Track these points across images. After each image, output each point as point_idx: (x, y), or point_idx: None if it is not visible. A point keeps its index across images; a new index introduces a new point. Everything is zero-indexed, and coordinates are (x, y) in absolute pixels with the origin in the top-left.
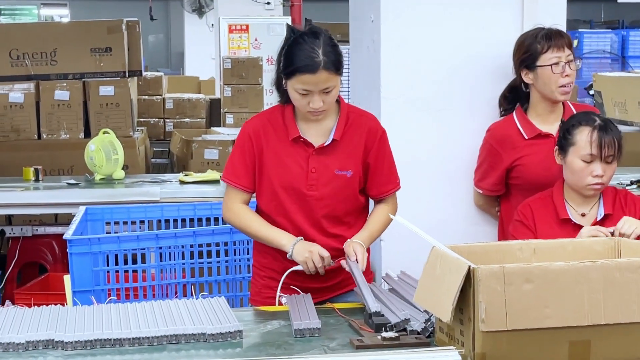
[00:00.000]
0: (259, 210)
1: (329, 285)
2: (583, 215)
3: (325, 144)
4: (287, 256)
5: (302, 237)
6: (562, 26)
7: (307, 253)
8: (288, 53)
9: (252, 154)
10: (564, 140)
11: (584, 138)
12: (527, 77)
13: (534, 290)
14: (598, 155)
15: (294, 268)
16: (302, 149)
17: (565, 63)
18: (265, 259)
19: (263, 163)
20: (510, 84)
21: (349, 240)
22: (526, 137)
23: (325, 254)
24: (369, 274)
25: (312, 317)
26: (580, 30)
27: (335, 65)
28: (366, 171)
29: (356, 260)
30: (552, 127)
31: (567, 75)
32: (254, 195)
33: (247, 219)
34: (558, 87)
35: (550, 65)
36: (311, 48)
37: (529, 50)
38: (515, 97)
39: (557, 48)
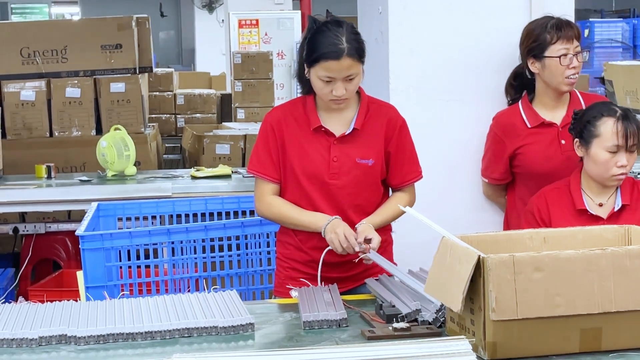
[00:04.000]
0: None
1: (349, 275)
2: (600, 205)
3: (346, 133)
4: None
5: (337, 217)
6: (571, 15)
7: (332, 234)
8: (312, 41)
9: (276, 145)
10: (585, 132)
11: (609, 129)
12: (534, 67)
13: (544, 279)
14: (624, 145)
15: (328, 249)
16: (323, 138)
17: (573, 55)
18: (287, 250)
19: (286, 153)
20: (515, 71)
21: (362, 225)
22: (529, 126)
23: (349, 232)
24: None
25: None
26: (591, 19)
27: (359, 52)
28: (387, 161)
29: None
30: (556, 116)
31: (573, 67)
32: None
33: (282, 208)
34: (564, 78)
35: (559, 57)
36: (335, 35)
37: (537, 39)
38: (521, 84)
39: (567, 39)
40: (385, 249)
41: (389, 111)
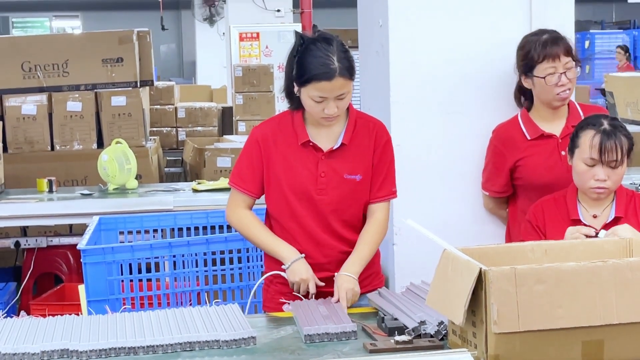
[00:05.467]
0: (268, 216)
1: None
2: (595, 216)
3: (334, 148)
4: (282, 267)
5: (303, 256)
6: (570, 27)
7: (297, 278)
8: (302, 61)
9: (260, 160)
10: (571, 142)
11: (586, 142)
12: (526, 83)
13: (546, 291)
14: (599, 159)
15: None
16: (311, 153)
17: (562, 73)
18: (276, 265)
19: (272, 168)
20: (518, 84)
21: (337, 274)
22: (529, 138)
23: (313, 290)
24: (380, 278)
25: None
26: (591, 31)
27: (350, 71)
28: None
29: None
30: (556, 127)
31: (562, 84)
32: (264, 201)
33: (249, 224)
34: (555, 95)
35: (544, 77)
36: (326, 55)
37: (526, 58)
38: (526, 94)
39: (552, 58)
40: (373, 261)
41: (375, 127)
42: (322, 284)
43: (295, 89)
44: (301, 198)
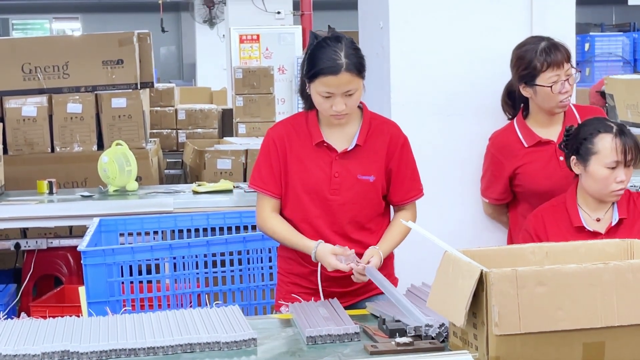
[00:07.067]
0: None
1: (351, 290)
2: (598, 220)
3: (348, 149)
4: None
5: (321, 241)
6: (571, 29)
7: (331, 262)
8: (311, 57)
9: (278, 160)
10: (583, 149)
11: (607, 146)
12: (526, 91)
13: (547, 293)
14: (622, 161)
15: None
16: (325, 153)
17: (565, 80)
18: (289, 264)
19: (287, 168)
20: (507, 89)
21: (371, 248)
22: (526, 145)
23: (348, 252)
24: (393, 280)
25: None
26: (591, 33)
27: (357, 67)
28: (388, 178)
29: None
30: (552, 133)
31: (565, 91)
32: None
33: (278, 228)
34: (557, 102)
35: (550, 86)
36: (333, 51)
37: (527, 67)
38: (516, 100)
39: (556, 66)
40: (386, 263)
41: (391, 128)
42: (350, 250)
43: (306, 86)
44: (314, 198)
